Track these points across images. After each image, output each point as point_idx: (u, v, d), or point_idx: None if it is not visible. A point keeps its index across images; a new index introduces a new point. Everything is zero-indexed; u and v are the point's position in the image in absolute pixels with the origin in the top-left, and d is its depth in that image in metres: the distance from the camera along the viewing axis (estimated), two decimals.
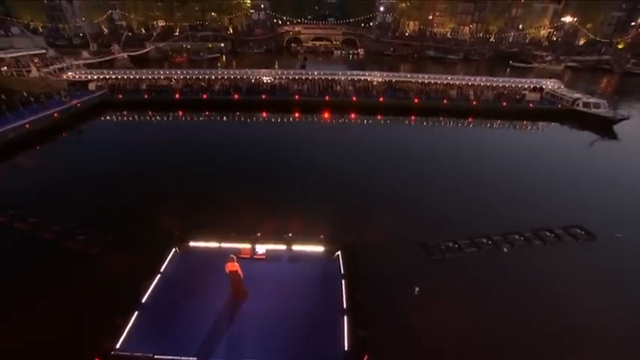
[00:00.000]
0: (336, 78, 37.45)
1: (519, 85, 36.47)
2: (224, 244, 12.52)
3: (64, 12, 76.77)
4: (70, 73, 35.12)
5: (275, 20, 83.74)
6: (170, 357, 8.43)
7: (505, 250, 14.54)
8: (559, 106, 34.32)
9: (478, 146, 28.12)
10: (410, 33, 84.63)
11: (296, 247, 12.53)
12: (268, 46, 76.04)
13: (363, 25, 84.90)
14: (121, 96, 33.39)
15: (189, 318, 9.71)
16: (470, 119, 34.37)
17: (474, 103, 35.10)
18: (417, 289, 12.23)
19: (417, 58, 74.60)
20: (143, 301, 10.16)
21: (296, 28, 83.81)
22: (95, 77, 34.76)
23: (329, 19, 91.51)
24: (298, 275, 11.35)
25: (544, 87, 36.71)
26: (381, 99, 34.79)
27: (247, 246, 12.41)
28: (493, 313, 11.74)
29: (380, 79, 37.26)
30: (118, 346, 8.71)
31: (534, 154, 26.54)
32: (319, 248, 12.46)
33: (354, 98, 34.88)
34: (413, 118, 34.44)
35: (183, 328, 9.39)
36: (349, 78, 37.44)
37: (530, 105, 34.47)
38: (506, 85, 36.53)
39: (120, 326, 9.10)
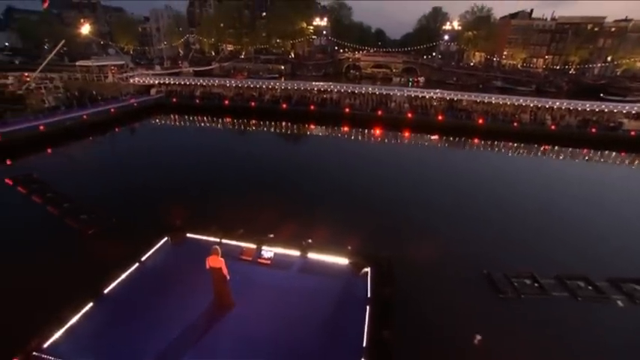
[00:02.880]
0: (391, 94, 34.96)
1: (615, 111, 30.32)
2: (226, 241, 10.13)
3: (152, 38, 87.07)
4: (136, 79, 37.65)
5: (336, 47, 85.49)
6: None
7: (620, 303, 9.93)
8: None
9: (559, 176, 23.07)
10: (475, 63, 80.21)
11: (312, 256, 9.64)
12: (327, 71, 77.12)
13: (425, 55, 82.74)
14: (174, 100, 34.63)
15: (153, 323, 7.23)
16: (546, 146, 29.11)
17: (552, 128, 29.83)
18: (477, 337, 8.39)
19: (481, 88, 69.42)
20: (105, 292, 7.96)
21: (356, 55, 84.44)
22: (156, 83, 36.72)
23: (390, 48, 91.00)
24: (308, 291, 8.40)
25: None
26: (440, 117, 31.26)
27: (252, 246, 9.85)
28: None
29: (440, 96, 33.86)
30: (45, 345, 6.45)
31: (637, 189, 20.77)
32: (342, 260, 9.42)
33: (410, 115, 31.85)
34: (476, 140, 30.21)
35: (138, 336, 6.90)
36: (405, 94, 34.70)
37: (632, 133, 28.13)
38: (596, 110, 30.65)
39: (60, 321, 6.91)
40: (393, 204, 16.37)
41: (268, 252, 9.71)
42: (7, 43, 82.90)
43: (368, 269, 9.01)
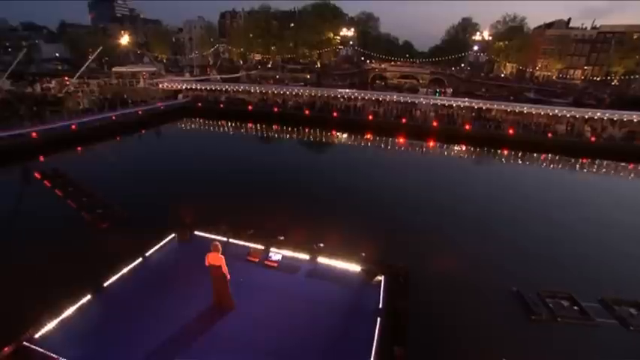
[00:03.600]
0: (417, 102, 34.02)
1: None
2: (234, 241, 9.74)
3: (184, 47, 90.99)
4: (165, 84, 39.04)
5: (362, 58, 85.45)
6: None
7: None
8: None
9: (599, 191, 21.27)
10: (506, 74, 77.34)
11: (322, 260, 9.02)
12: (352, 81, 76.90)
13: (453, 66, 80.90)
14: (200, 104, 35.45)
15: (149, 320, 6.89)
16: (583, 159, 27.05)
17: (592, 140, 27.70)
18: None
19: (512, 100, 66.69)
20: (104, 286, 7.70)
21: (382, 65, 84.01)
22: (183, 88, 37.88)
23: (417, 59, 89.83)
24: (315, 297, 7.81)
25: None
26: (467, 126, 29.94)
27: (260, 248, 9.39)
28: None
29: (467, 105, 32.53)
30: (37, 336, 6.20)
31: None
32: (354, 267, 8.73)
33: (435, 123, 30.75)
34: (505, 151, 28.59)
35: (133, 332, 6.57)
36: (431, 102, 33.64)
37: None
38: None
39: (56, 312, 6.68)
40: (414, 213, 15.46)
41: (276, 254, 9.21)
42: (57, 54, 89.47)
43: (381, 278, 8.28)
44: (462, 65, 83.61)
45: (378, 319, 6.88)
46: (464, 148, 29.45)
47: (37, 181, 16.57)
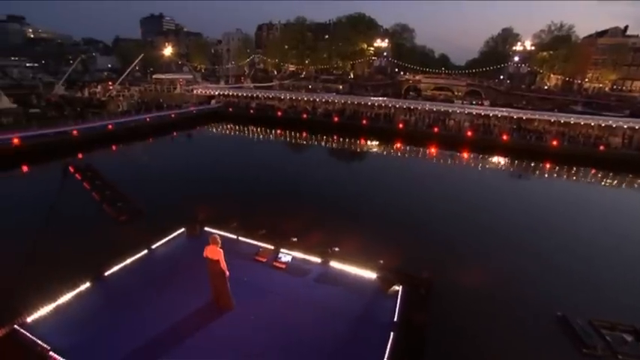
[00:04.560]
0: (450, 111, 32.51)
1: None
2: (243, 239, 9.25)
3: (222, 58, 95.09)
4: (199, 90, 40.51)
5: (396, 69, 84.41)
6: None
7: None
8: None
9: None
10: (550, 86, 72.71)
11: (335, 265, 8.26)
12: (385, 92, 75.93)
13: (492, 79, 77.44)
14: (231, 109, 36.25)
15: (145, 312, 6.56)
16: None
17: None
18: None
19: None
20: (105, 275, 7.44)
21: (416, 77, 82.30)
22: (216, 94, 39.05)
23: (453, 70, 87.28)
24: (324, 303, 7.07)
25: None
26: (505, 137, 27.97)
27: (269, 248, 8.82)
28: None
29: (505, 115, 30.52)
30: (30, 319, 5.97)
31: None
32: (369, 274, 7.89)
33: (469, 133, 29.07)
34: (547, 164, 26.26)
35: (127, 323, 6.26)
36: (466, 111, 31.98)
37: None
38: None
39: (51, 298, 6.46)
40: (442, 225, 14.22)
41: (286, 256, 8.60)
42: (109, 65, 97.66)
43: (399, 288, 7.35)
44: (501, 77, 79.86)
45: (392, 333, 5.99)
46: (500, 159, 27.47)
47: (70, 174, 17.30)
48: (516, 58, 73.51)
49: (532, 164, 26.51)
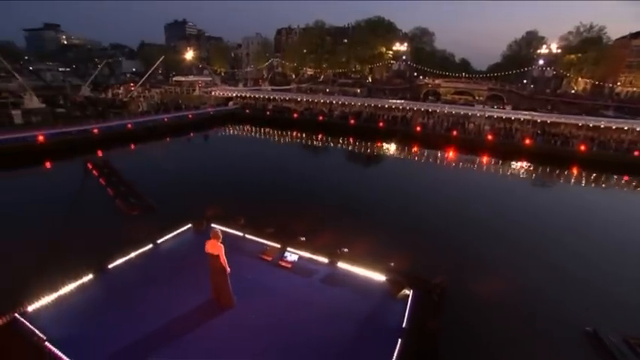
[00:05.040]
0: (470, 114, 31.55)
1: None
2: (250, 237, 9.04)
3: (241, 62, 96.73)
4: (217, 92, 41.14)
5: (415, 73, 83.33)
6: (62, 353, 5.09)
7: None
8: None
9: None
10: (578, 91, 69.66)
11: (342, 266, 7.91)
12: (403, 95, 74.95)
13: (515, 83, 75.10)
14: (248, 111, 36.55)
15: (145, 306, 6.45)
16: None
17: None
18: None
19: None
20: (109, 267, 7.39)
21: (436, 81, 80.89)
22: (234, 95, 39.51)
23: (473, 74, 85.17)
24: (329, 305, 6.75)
25: None
26: (528, 141, 26.80)
27: (276, 246, 8.56)
28: None
29: (528, 118, 29.30)
30: (30, 309, 5.94)
31: None
32: (378, 276, 7.49)
33: (489, 137, 28.06)
34: (574, 170, 24.93)
35: (126, 316, 6.14)
36: (486, 115, 30.94)
37: None
38: None
39: (56, 286, 6.44)
40: (459, 231, 13.55)
41: (292, 255, 8.31)
42: (134, 69, 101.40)
43: (410, 292, 6.91)
44: (525, 81, 77.28)
45: (399, 340, 5.57)
46: (523, 164, 26.31)
47: (87, 170, 17.73)
48: (541, 62, 70.97)
49: (557, 170, 25.28)
